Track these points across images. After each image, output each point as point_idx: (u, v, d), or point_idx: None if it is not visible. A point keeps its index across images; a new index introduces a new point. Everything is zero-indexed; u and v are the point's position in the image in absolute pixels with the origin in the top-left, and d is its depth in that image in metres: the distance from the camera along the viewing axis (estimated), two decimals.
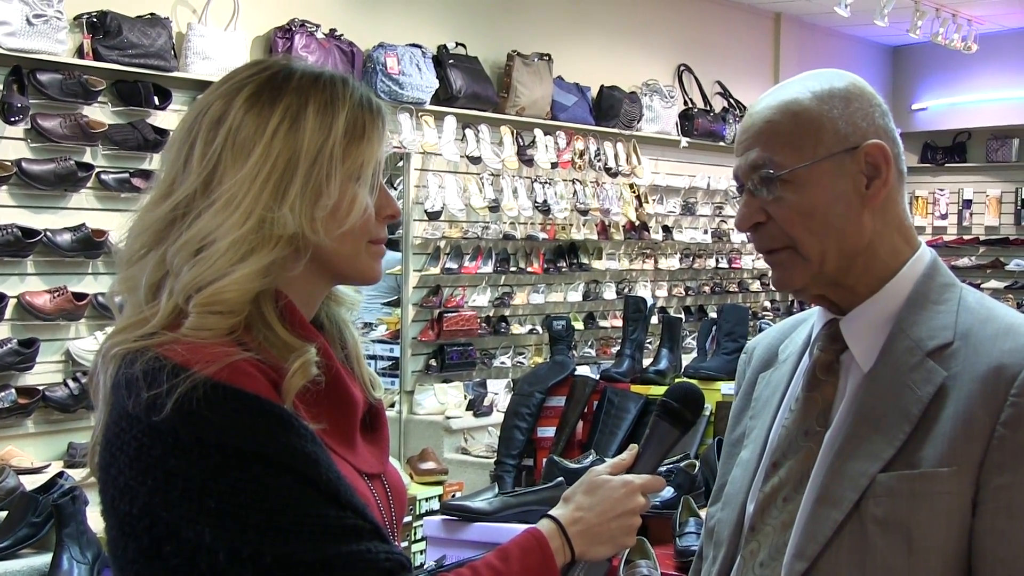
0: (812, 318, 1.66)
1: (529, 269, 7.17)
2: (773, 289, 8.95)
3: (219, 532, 1.22)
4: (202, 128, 1.38)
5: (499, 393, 6.48)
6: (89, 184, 4.96)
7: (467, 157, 6.73)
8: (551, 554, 1.40)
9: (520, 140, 7.05)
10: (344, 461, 1.38)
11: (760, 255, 1.61)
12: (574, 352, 6.84)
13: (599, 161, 7.61)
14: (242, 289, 1.32)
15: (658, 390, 3.79)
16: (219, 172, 1.36)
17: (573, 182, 7.51)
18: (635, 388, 3.82)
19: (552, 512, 1.44)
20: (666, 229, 8.37)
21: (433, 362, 6.64)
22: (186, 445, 1.24)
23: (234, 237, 1.33)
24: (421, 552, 4.42)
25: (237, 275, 1.32)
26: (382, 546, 1.28)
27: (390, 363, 6.56)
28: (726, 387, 3.66)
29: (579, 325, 7.41)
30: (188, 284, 1.32)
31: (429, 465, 5.32)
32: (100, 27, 5.03)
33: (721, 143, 8.64)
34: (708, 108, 8.82)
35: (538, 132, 7.19)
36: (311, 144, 1.36)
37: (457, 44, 6.79)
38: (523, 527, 2.78)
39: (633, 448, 1.50)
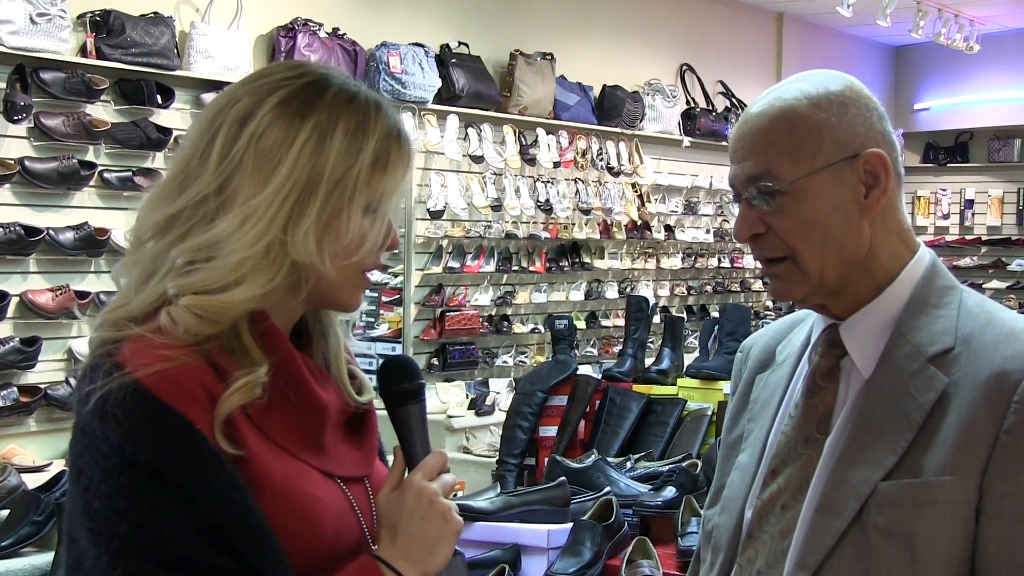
0: (810, 318, 1.62)
1: (531, 268, 7.17)
2: None
3: (93, 536, 1.22)
4: (226, 121, 1.33)
5: (501, 392, 6.47)
6: (92, 183, 4.97)
7: (469, 156, 6.73)
8: None
9: (522, 139, 7.05)
10: (308, 466, 1.35)
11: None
12: (576, 351, 6.84)
13: (601, 160, 7.61)
14: (240, 308, 1.30)
15: (660, 389, 3.78)
16: (237, 177, 1.31)
17: (575, 181, 7.51)
18: (637, 388, 3.80)
19: (373, 553, 1.35)
20: (668, 228, 8.37)
21: (435, 361, 6.65)
22: (97, 443, 1.23)
23: (244, 255, 1.29)
24: None
25: (239, 293, 1.29)
26: None
27: None
28: (728, 387, 3.65)
29: (581, 324, 7.42)
30: (188, 286, 1.29)
31: None
32: (103, 26, 5.04)
33: (723, 142, 8.63)
34: (710, 108, 8.83)
35: (540, 131, 7.20)
36: (336, 167, 1.31)
37: (460, 43, 6.79)
38: (525, 527, 2.80)
39: (397, 452, 1.41)
